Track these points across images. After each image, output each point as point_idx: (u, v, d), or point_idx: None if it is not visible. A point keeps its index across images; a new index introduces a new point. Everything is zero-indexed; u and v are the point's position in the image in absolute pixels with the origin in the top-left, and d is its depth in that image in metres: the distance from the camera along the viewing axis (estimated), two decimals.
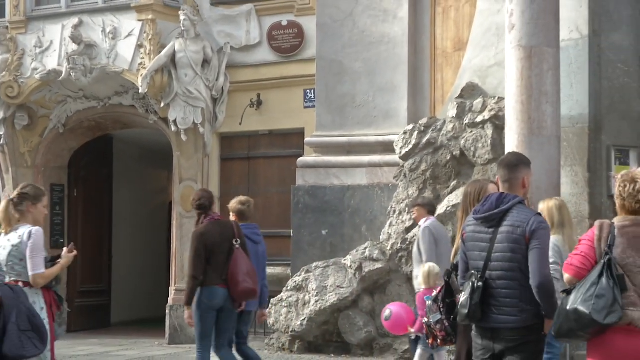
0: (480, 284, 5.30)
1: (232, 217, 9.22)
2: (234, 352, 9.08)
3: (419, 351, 9.11)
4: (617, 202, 4.94)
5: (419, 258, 9.44)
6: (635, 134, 10.45)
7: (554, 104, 9.66)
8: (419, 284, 9.09)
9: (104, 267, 17.37)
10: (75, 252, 6.95)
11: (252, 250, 8.97)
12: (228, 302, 8.56)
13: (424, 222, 9.54)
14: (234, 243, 8.47)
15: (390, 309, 9.29)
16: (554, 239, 8.03)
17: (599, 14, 10.42)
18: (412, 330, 8.99)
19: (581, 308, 4.73)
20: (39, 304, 6.48)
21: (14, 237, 6.56)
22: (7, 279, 6.33)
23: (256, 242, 9.33)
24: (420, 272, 8.97)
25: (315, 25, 13.27)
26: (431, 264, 8.90)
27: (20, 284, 6.40)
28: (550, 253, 7.86)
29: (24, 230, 6.58)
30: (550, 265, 7.80)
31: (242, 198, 9.54)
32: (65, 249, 6.93)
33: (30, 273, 6.50)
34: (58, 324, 7.01)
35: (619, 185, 4.93)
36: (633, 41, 10.52)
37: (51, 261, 6.80)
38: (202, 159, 14.97)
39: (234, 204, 9.40)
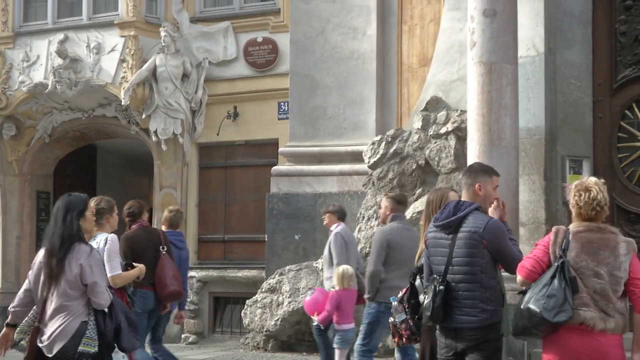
0: (441, 287, 5.33)
1: (163, 225, 9.42)
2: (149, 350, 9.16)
3: (338, 352, 9.22)
4: (574, 210, 4.99)
5: (329, 261, 9.65)
6: (587, 145, 10.51)
7: (513, 116, 9.71)
8: (332, 284, 9.23)
9: None
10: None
11: (176, 255, 9.07)
12: (155, 304, 8.68)
13: (335, 228, 9.77)
14: (161, 249, 8.49)
15: (312, 291, 9.68)
16: None
17: (554, 33, 10.49)
18: (315, 318, 9.25)
19: (532, 307, 4.80)
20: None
21: (91, 244, 6.52)
22: None
23: (180, 247, 9.41)
24: (335, 273, 9.10)
25: (289, 41, 13.29)
26: (345, 266, 9.06)
27: None
28: None
29: (101, 237, 6.95)
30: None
31: (171, 207, 9.79)
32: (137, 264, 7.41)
33: (109, 275, 6.67)
34: None
35: (575, 195, 4.98)
36: (585, 58, 10.59)
37: (125, 266, 7.18)
38: (182, 168, 14.96)
39: (165, 212, 9.59)
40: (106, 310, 5.81)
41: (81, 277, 5.67)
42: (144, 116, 14.60)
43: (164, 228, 9.41)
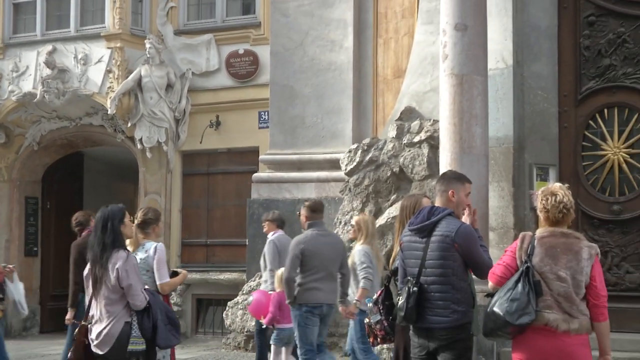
0: (415, 288, 5.36)
1: None
2: None
3: (273, 348, 9.62)
4: (542, 215, 5.03)
5: (264, 266, 10.21)
6: (553, 154, 10.56)
7: (483, 126, 9.75)
8: (272, 287, 9.67)
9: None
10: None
11: None
12: None
13: (272, 236, 10.17)
14: None
15: (253, 296, 9.96)
16: (365, 247, 8.36)
17: (521, 47, 10.55)
18: (263, 321, 9.56)
19: (497, 310, 4.84)
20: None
21: (141, 252, 6.98)
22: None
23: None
24: (276, 276, 9.42)
25: (269, 53, 13.28)
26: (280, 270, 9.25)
27: None
28: (363, 259, 8.17)
29: (149, 246, 7.07)
30: (364, 269, 8.14)
31: None
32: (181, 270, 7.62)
33: (158, 282, 6.90)
34: None
35: (542, 199, 5.01)
36: (551, 70, 10.65)
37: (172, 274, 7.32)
38: (166, 175, 14.93)
39: None
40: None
41: (119, 280, 5.92)
42: (129, 125, 14.58)
43: None
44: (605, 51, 10.48)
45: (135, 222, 7.20)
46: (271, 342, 9.64)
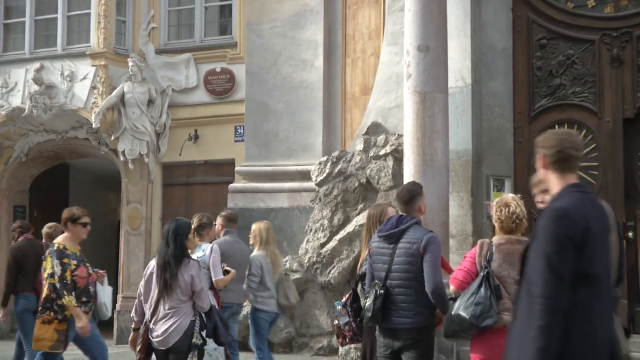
0: (382, 291, 5.37)
1: (45, 239, 9.63)
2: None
3: None
4: (497, 224, 5.06)
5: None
6: (509, 166, 10.63)
7: (444, 140, 9.79)
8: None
9: None
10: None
11: None
12: (36, 306, 8.85)
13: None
14: (42, 259, 8.48)
15: None
16: (259, 253, 8.44)
17: (479, 66, 10.62)
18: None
19: (462, 313, 4.85)
20: (212, 301, 7.20)
21: (198, 252, 7.73)
22: None
23: None
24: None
25: (245, 72, 13.27)
26: None
27: None
28: (253, 266, 8.24)
29: (205, 247, 7.88)
30: (249, 276, 8.23)
31: (50, 224, 9.90)
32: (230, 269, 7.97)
33: (213, 279, 7.66)
34: None
35: (497, 210, 5.04)
36: (507, 89, 10.72)
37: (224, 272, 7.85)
38: (147, 185, 14.86)
39: (44, 228, 9.79)
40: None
41: (191, 285, 6.29)
42: (112, 138, 14.51)
43: (44, 241, 9.57)
44: (556, 71, 10.58)
45: (192, 226, 7.62)
46: None
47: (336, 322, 6.67)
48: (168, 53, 14.88)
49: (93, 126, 14.38)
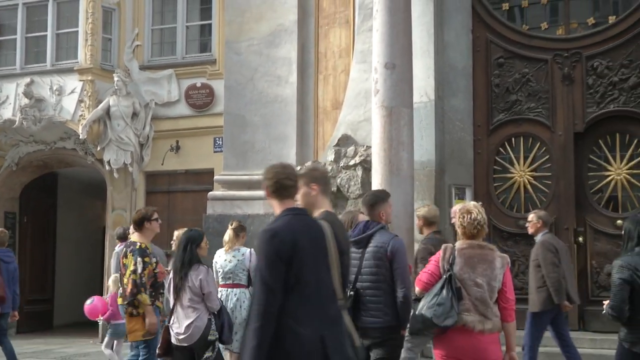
0: (351, 293, 5.36)
1: None
2: None
3: (106, 338, 10.29)
4: (459, 230, 5.06)
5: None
6: (469, 176, 10.67)
7: (409, 151, 9.80)
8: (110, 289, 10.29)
9: (48, 280, 16.93)
10: None
11: (5, 268, 9.78)
12: None
13: (118, 247, 10.35)
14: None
15: (92, 299, 10.71)
16: None
17: (442, 83, 10.67)
18: (102, 318, 10.37)
19: (426, 313, 4.85)
20: (248, 300, 7.98)
21: (237, 254, 8.38)
22: (223, 282, 8.29)
23: (7, 262, 9.99)
24: (112, 281, 10.13)
25: (224, 86, 13.23)
26: (116, 274, 9.66)
27: (237, 286, 8.28)
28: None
29: (244, 250, 8.48)
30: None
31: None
32: None
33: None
34: None
35: (459, 217, 5.04)
36: (467, 105, 10.77)
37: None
38: (131, 192, 14.79)
39: None
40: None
41: (201, 287, 6.52)
42: (98, 148, 14.44)
43: None
44: (513, 88, 10.65)
45: (230, 228, 8.51)
46: (107, 335, 10.21)
47: None
48: (151, 69, 14.83)
49: (80, 137, 14.30)
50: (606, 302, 5.54)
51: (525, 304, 9.48)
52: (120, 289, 7.69)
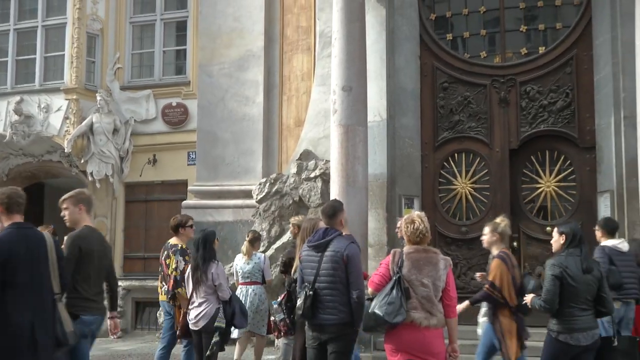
0: (310, 292, 5.33)
1: None
2: None
3: None
4: (405, 237, 5.09)
5: None
6: (417, 187, 10.71)
7: (364, 165, 9.83)
8: None
9: None
10: None
11: None
12: None
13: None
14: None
15: None
16: None
17: (393, 104, 10.71)
18: None
19: (377, 311, 4.84)
20: (265, 295, 8.82)
21: (255, 258, 8.92)
22: (243, 281, 8.89)
23: None
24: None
25: (197, 106, 13.19)
26: None
27: (254, 284, 8.80)
28: None
29: (260, 255, 9.05)
30: None
31: None
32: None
33: (267, 278, 9.02)
34: None
35: (404, 226, 5.07)
36: (415, 123, 10.81)
37: None
38: (111, 201, 14.62)
39: None
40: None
41: (213, 280, 6.79)
42: (82, 161, 14.24)
43: None
44: (456, 109, 10.73)
45: (247, 240, 9.04)
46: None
47: (272, 318, 6.62)
48: (131, 89, 14.69)
49: (65, 151, 14.10)
50: (528, 297, 5.67)
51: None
52: (165, 286, 7.63)
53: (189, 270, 7.02)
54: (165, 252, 7.63)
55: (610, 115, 9.71)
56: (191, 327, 6.90)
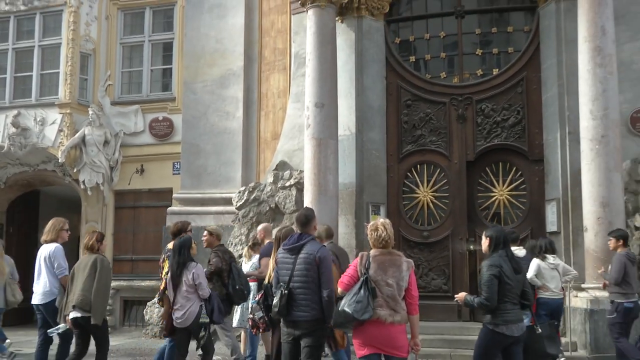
0: (286, 291, 5.31)
1: None
2: None
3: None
4: (371, 242, 5.09)
5: None
6: (383, 195, 10.75)
7: (334, 175, 9.85)
8: None
9: (30, 281, 16.31)
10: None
11: None
12: None
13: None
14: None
15: None
16: None
17: (362, 120, 10.74)
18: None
19: (347, 309, 4.83)
20: (254, 292, 8.00)
21: (254, 260, 8.45)
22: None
23: None
24: None
25: (182, 120, 13.10)
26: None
27: (252, 282, 8.10)
28: None
29: (255, 258, 8.50)
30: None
31: None
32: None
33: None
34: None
35: (369, 233, 5.08)
36: (382, 137, 10.86)
37: None
38: (102, 208, 14.47)
39: None
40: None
41: (194, 279, 6.72)
42: (75, 170, 14.08)
43: None
44: (418, 125, 10.79)
45: (247, 245, 8.92)
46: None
47: (251, 316, 6.57)
48: (121, 104, 14.58)
49: (59, 161, 13.94)
50: (460, 295, 5.67)
51: (428, 300, 9.59)
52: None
53: (169, 274, 6.95)
54: (163, 256, 7.58)
55: (557, 131, 9.82)
56: (177, 325, 6.83)
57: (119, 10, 14.91)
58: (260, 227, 8.87)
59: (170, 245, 7.46)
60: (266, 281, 6.20)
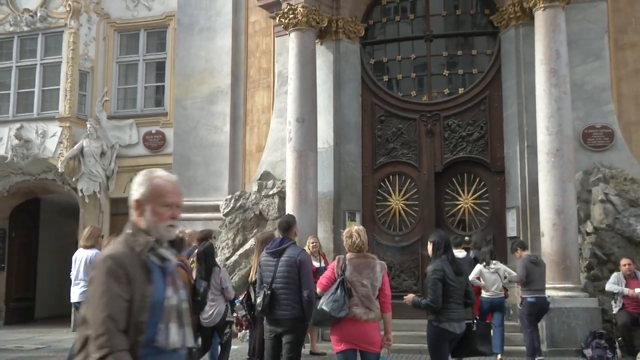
0: (268, 292, 5.29)
1: None
2: None
3: None
4: (346, 248, 5.09)
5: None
6: (359, 203, 10.77)
7: (314, 184, 9.86)
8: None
9: (31, 282, 16.11)
10: None
11: None
12: None
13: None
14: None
15: None
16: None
17: (339, 134, 10.77)
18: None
19: (325, 308, 4.83)
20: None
21: None
22: None
23: None
24: None
25: (173, 133, 13.03)
26: None
27: None
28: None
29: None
30: None
31: None
32: None
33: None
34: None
35: (345, 240, 5.09)
36: (357, 150, 10.90)
37: None
38: (99, 214, 14.31)
39: None
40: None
41: (221, 283, 6.78)
42: (73, 179, 13.93)
43: None
44: (391, 139, 10.84)
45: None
46: None
47: (235, 314, 6.53)
48: (117, 119, 14.47)
49: (59, 171, 13.80)
50: (409, 296, 5.59)
51: (400, 299, 9.58)
52: None
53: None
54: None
55: (516, 145, 9.90)
56: (204, 324, 6.79)
57: (116, 32, 14.84)
58: (187, 231, 8.55)
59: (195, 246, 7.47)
60: (251, 279, 6.17)
